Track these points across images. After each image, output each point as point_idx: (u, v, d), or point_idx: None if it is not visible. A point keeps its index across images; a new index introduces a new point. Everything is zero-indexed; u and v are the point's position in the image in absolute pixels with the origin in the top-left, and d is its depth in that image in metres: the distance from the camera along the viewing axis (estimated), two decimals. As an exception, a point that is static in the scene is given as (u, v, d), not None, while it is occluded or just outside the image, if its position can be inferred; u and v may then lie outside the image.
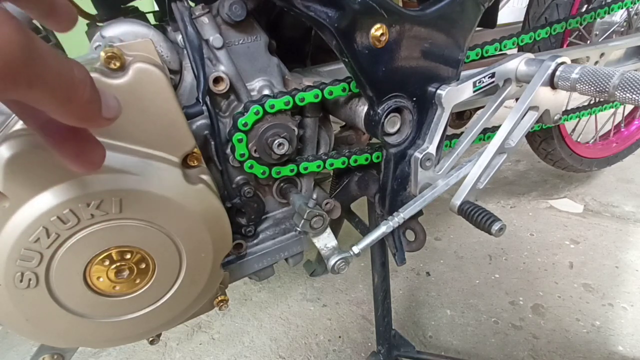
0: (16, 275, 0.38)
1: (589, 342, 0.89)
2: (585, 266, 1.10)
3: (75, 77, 0.21)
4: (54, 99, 0.20)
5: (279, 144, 0.49)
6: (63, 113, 0.22)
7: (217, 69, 0.50)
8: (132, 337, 0.49)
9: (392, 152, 0.55)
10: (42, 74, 0.19)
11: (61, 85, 0.20)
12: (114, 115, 0.25)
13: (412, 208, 0.55)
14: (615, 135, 1.31)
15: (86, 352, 0.94)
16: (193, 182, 0.44)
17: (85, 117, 0.23)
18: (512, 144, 0.54)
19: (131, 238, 0.42)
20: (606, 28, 1.01)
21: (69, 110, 0.22)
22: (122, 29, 0.45)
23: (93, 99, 0.23)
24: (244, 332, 0.99)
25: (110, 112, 0.25)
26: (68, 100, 0.21)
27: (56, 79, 0.20)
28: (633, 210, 1.31)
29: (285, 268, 1.18)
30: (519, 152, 1.70)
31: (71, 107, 0.21)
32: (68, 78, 0.21)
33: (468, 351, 0.89)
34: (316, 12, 0.43)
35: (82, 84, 0.22)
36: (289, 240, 0.62)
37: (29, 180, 0.36)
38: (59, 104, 0.21)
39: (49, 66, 0.19)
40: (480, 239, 1.23)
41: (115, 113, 0.25)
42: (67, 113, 0.22)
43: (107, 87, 0.36)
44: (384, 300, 0.76)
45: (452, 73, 0.53)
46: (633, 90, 0.44)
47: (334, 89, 0.51)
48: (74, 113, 0.22)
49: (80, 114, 0.22)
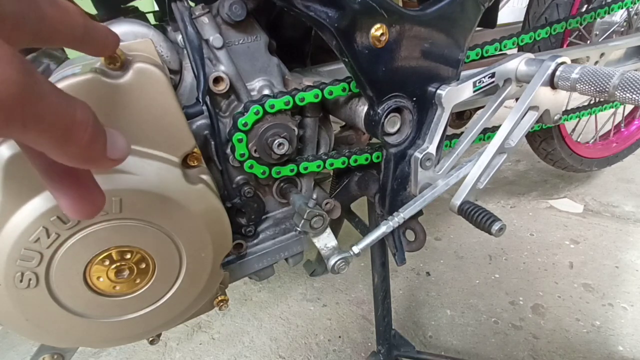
0: (16, 275, 0.38)
1: (589, 342, 0.89)
2: (585, 266, 1.10)
3: (76, 117, 0.20)
4: (51, 140, 0.20)
5: (279, 144, 0.49)
6: (62, 154, 0.21)
7: (217, 69, 0.50)
8: (132, 337, 0.49)
9: (392, 152, 0.55)
10: (39, 114, 0.18)
11: (59, 126, 0.19)
12: (120, 156, 0.24)
13: (412, 208, 0.55)
14: (615, 135, 1.31)
15: (86, 352, 0.94)
16: (193, 182, 0.44)
17: (88, 159, 0.22)
18: (512, 144, 0.54)
19: (131, 238, 0.42)
20: (606, 28, 1.01)
21: (68, 152, 0.21)
22: (122, 29, 0.45)
23: (96, 139, 0.22)
24: (244, 332, 0.99)
25: (117, 152, 0.24)
26: (66, 141, 0.20)
27: (54, 119, 0.19)
28: (633, 210, 1.31)
29: (285, 268, 1.18)
30: (519, 152, 1.70)
31: (70, 148, 0.21)
32: (68, 119, 0.20)
33: (468, 351, 0.89)
34: (316, 12, 0.43)
35: (84, 125, 0.21)
36: (289, 240, 0.62)
37: (29, 180, 0.36)
38: (56, 145, 0.20)
39: (48, 106, 0.19)
40: (480, 239, 1.23)
41: (122, 154, 0.24)
42: (67, 154, 0.21)
43: (107, 87, 0.36)
44: (384, 300, 0.76)
45: (452, 73, 0.53)
46: (633, 90, 0.44)
47: (334, 88, 0.51)
48: (74, 154, 0.21)
49: (80, 155, 0.21)
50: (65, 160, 0.21)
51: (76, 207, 0.26)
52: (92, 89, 0.36)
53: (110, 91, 0.37)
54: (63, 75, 0.35)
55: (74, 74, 0.35)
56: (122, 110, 0.38)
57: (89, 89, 0.35)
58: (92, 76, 0.35)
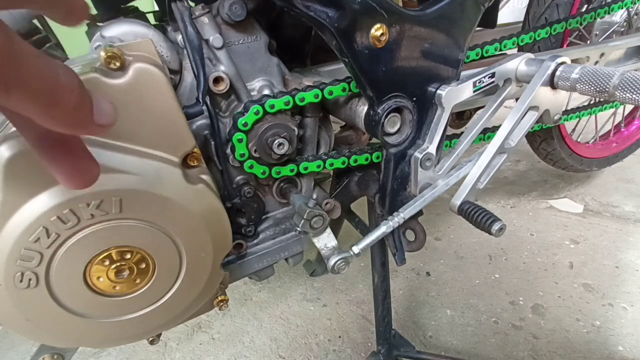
0: (16, 275, 0.38)
1: (589, 342, 0.89)
2: (585, 266, 1.10)
3: (60, 80, 0.20)
4: (37, 104, 0.19)
5: (279, 144, 0.49)
6: (49, 119, 0.21)
7: (217, 69, 0.50)
8: (132, 337, 0.49)
9: (392, 152, 0.55)
10: (20, 76, 0.18)
11: (43, 88, 0.19)
12: (107, 121, 0.24)
13: (412, 208, 0.55)
14: (615, 135, 1.31)
15: (86, 352, 0.94)
16: (193, 182, 0.44)
17: (74, 124, 0.22)
18: (512, 144, 0.54)
19: (131, 238, 0.42)
20: (606, 28, 1.01)
21: (55, 116, 0.21)
22: (122, 29, 0.45)
23: (82, 103, 0.22)
24: (244, 332, 0.99)
25: (104, 118, 0.23)
26: (52, 105, 0.20)
27: (37, 82, 0.19)
28: (633, 210, 1.31)
29: (285, 268, 1.18)
30: (519, 152, 1.70)
31: (57, 112, 0.20)
32: (51, 81, 0.20)
33: (468, 351, 0.89)
34: (316, 12, 0.43)
35: (69, 88, 0.21)
36: (289, 240, 0.62)
37: (29, 180, 0.36)
38: (42, 109, 0.20)
39: (29, 69, 0.19)
40: (480, 239, 1.23)
41: (109, 119, 0.24)
42: (53, 119, 0.21)
43: (107, 87, 0.36)
44: (384, 300, 0.76)
45: (452, 73, 0.53)
46: (633, 90, 0.44)
47: (334, 88, 0.51)
48: (61, 119, 0.21)
49: (68, 119, 0.21)
50: (51, 124, 0.21)
51: (72, 176, 0.26)
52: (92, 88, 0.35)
53: (110, 91, 0.37)
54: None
55: (74, 74, 0.35)
56: (122, 110, 0.38)
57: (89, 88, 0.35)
58: (92, 76, 0.36)
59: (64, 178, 0.26)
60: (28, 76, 0.19)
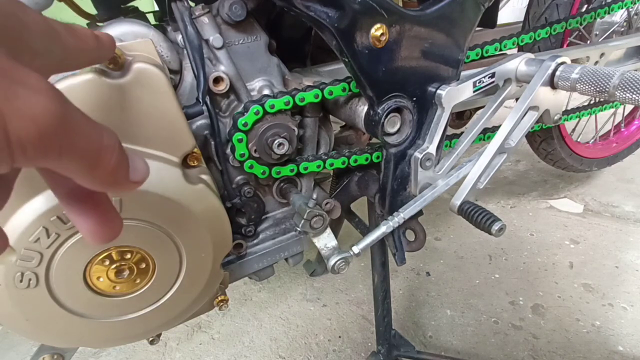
0: (16, 275, 0.38)
1: (589, 342, 0.89)
2: (585, 266, 1.10)
3: (104, 142, 0.21)
4: (81, 166, 0.20)
5: (279, 144, 0.49)
6: (89, 179, 0.21)
7: (217, 69, 0.50)
8: (132, 337, 0.49)
9: (392, 152, 0.55)
10: (73, 142, 0.19)
11: (89, 152, 0.20)
12: (141, 178, 0.24)
13: (412, 208, 0.55)
14: (615, 135, 1.31)
15: (86, 352, 0.94)
16: (193, 182, 0.44)
17: (112, 182, 0.23)
18: (512, 144, 0.54)
19: (131, 238, 0.42)
20: (606, 28, 1.01)
21: (96, 176, 0.21)
22: (122, 29, 0.45)
23: (121, 163, 0.23)
24: (244, 332, 0.99)
25: (138, 175, 0.24)
26: (95, 167, 0.21)
27: (85, 146, 0.20)
28: (633, 210, 1.31)
29: (285, 268, 1.18)
30: (519, 152, 1.70)
31: (99, 172, 0.21)
32: (97, 144, 0.21)
33: (468, 351, 0.89)
34: (316, 12, 0.43)
35: (110, 150, 0.21)
36: (289, 240, 0.62)
37: (29, 180, 0.36)
38: (85, 170, 0.21)
39: (80, 135, 0.19)
40: (480, 239, 1.23)
41: (143, 176, 0.25)
42: (94, 179, 0.21)
43: (107, 87, 0.36)
44: (384, 300, 0.76)
45: (452, 73, 0.53)
46: (633, 90, 0.44)
47: (334, 88, 0.51)
48: (100, 178, 0.22)
49: (106, 179, 0.22)
50: (91, 184, 0.22)
51: (97, 231, 0.26)
52: (92, 89, 0.36)
53: (111, 91, 0.37)
54: (63, 75, 0.35)
55: (74, 74, 0.35)
56: (122, 110, 0.38)
57: (89, 89, 0.35)
58: (93, 76, 0.36)
59: (89, 232, 0.26)
60: (78, 141, 0.19)
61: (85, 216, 0.26)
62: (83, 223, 0.26)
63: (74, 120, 0.19)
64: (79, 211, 0.25)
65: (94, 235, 0.26)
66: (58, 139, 0.18)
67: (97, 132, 0.21)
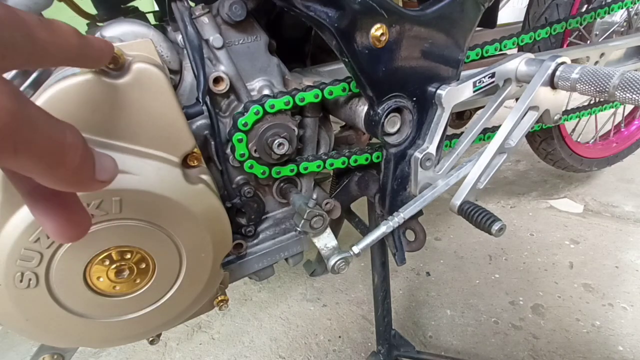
0: (16, 275, 0.38)
1: (589, 342, 0.89)
2: (585, 266, 1.10)
3: (66, 141, 0.20)
4: (41, 165, 0.19)
5: (279, 144, 0.49)
6: (51, 179, 0.20)
7: (217, 69, 0.50)
8: (132, 337, 0.49)
9: (392, 152, 0.55)
10: (30, 140, 0.18)
11: (50, 150, 0.19)
12: (108, 177, 0.23)
13: (412, 208, 0.55)
14: (615, 135, 1.31)
15: (86, 352, 0.94)
16: (193, 182, 0.44)
17: (76, 182, 0.22)
18: (512, 144, 0.54)
19: (131, 238, 0.42)
20: (606, 28, 1.01)
21: (58, 176, 0.20)
22: (122, 29, 0.45)
23: (85, 162, 0.21)
24: (244, 332, 0.99)
25: (105, 174, 0.23)
26: (57, 166, 0.20)
27: (45, 144, 0.19)
28: (633, 210, 1.31)
29: (285, 268, 1.18)
30: (519, 152, 1.70)
31: (60, 172, 0.20)
32: (58, 143, 0.20)
33: (468, 351, 0.89)
34: (316, 12, 0.43)
35: (73, 148, 0.20)
36: (289, 240, 0.62)
37: (29, 180, 0.36)
38: (46, 169, 0.19)
39: (39, 132, 0.18)
40: (480, 239, 1.23)
41: (110, 175, 0.24)
42: (56, 178, 0.20)
43: (107, 87, 0.36)
44: (384, 300, 0.76)
45: (452, 73, 0.53)
46: (633, 90, 0.44)
47: (334, 89, 0.51)
48: (63, 178, 0.21)
49: (70, 178, 0.21)
50: (54, 184, 0.21)
51: (61, 230, 0.25)
52: (92, 89, 0.36)
53: (110, 91, 0.37)
54: (63, 75, 0.35)
55: (74, 74, 0.35)
56: (122, 110, 0.38)
57: (89, 89, 0.35)
58: (92, 76, 0.35)
59: (53, 231, 0.25)
60: (37, 139, 0.18)
61: (49, 215, 0.24)
62: (46, 222, 0.24)
63: (30, 117, 0.18)
64: (42, 210, 0.24)
65: (57, 235, 0.25)
66: (12, 136, 0.17)
67: (59, 130, 0.20)
